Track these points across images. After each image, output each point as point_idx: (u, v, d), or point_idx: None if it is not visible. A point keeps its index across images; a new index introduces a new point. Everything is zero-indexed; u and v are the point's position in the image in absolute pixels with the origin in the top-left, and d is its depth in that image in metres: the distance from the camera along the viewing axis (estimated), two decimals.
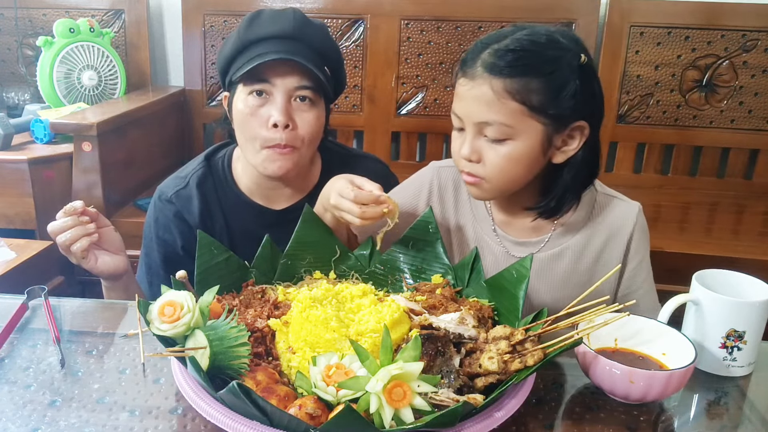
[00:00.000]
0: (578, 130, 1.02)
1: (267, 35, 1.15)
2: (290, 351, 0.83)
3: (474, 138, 1.01)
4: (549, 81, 0.97)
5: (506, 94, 0.96)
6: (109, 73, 2.46)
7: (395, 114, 2.48)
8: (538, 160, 1.02)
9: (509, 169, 1.01)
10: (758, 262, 1.82)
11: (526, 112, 0.97)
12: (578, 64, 0.98)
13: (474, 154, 1.01)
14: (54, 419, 0.79)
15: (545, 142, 1.01)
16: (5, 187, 1.98)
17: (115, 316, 1.09)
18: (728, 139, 2.40)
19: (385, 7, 2.39)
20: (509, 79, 0.96)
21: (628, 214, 1.14)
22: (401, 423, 0.70)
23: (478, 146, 1.01)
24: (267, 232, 1.08)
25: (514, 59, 0.96)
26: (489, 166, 1.01)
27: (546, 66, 0.97)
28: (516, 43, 0.98)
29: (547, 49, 0.98)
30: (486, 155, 1.01)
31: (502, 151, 1.00)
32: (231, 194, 1.28)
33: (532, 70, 0.96)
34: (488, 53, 0.98)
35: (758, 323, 0.92)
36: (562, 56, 0.98)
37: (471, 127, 1.01)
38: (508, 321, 0.92)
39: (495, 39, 1.00)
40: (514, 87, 0.96)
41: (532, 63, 0.97)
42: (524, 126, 0.98)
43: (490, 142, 1.00)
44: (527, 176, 1.04)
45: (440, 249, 1.08)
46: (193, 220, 1.25)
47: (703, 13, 2.29)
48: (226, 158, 1.30)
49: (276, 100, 1.15)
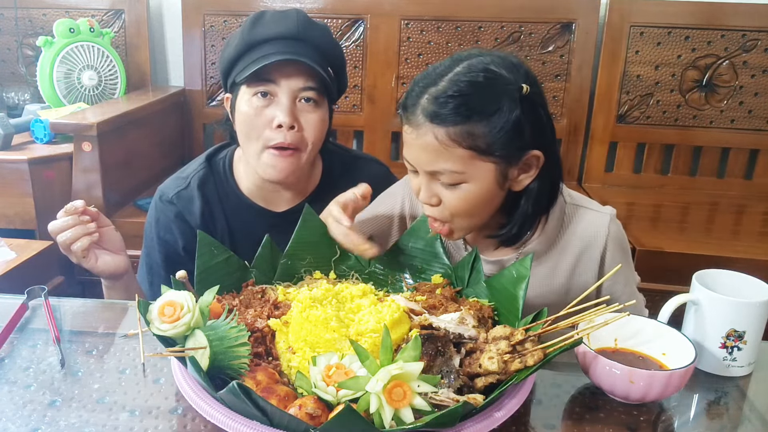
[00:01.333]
0: (533, 159, 0.99)
1: (271, 36, 1.14)
2: (290, 351, 0.83)
3: (429, 183, 0.99)
4: (492, 122, 0.93)
5: (452, 143, 0.94)
6: (109, 73, 2.46)
7: (395, 114, 2.48)
8: (497, 195, 1.01)
9: (469, 209, 1.00)
10: (758, 262, 1.82)
11: (475, 156, 0.95)
12: (520, 96, 0.94)
13: (433, 198, 1.00)
14: (54, 419, 0.79)
15: (500, 178, 0.98)
16: (5, 187, 1.98)
17: (115, 316, 1.09)
18: (728, 139, 2.40)
19: (385, 7, 2.39)
20: (452, 127, 0.93)
21: (600, 224, 1.10)
22: (401, 423, 0.70)
23: (435, 190, 1.00)
24: (268, 234, 1.08)
25: (455, 107, 0.93)
26: (449, 207, 1.00)
27: (487, 107, 0.93)
28: (454, 87, 0.94)
29: (486, 89, 0.94)
30: (444, 198, 1.00)
31: (458, 195, 0.98)
32: (232, 195, 1.28)
33: (474, 114, 0.93)
34: (427, 100, 0.95)
35: (758, 323, 0.92)
36: (502, 92, 0.94)
37: (423, 173, 0.99)
38: (508, 321, 0.92)
39: (432, 81, 0.96)
40: (458, 134, 0.93)
41: (472, 107, 0.93)
42: (475, 169, 0.96)
43: (444, 187, 0.99)
44: (489, 211, 1.03)
45: (440, 249, 1.08)
46: (195, 220, 1.25)
47: (703, 13, 2.29)
48: (227, 159, 1.30)
49: (281, 101, 1.14)
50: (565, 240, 1.10)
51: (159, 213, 1.27)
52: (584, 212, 1.11)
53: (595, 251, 1.09)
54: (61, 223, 1.03)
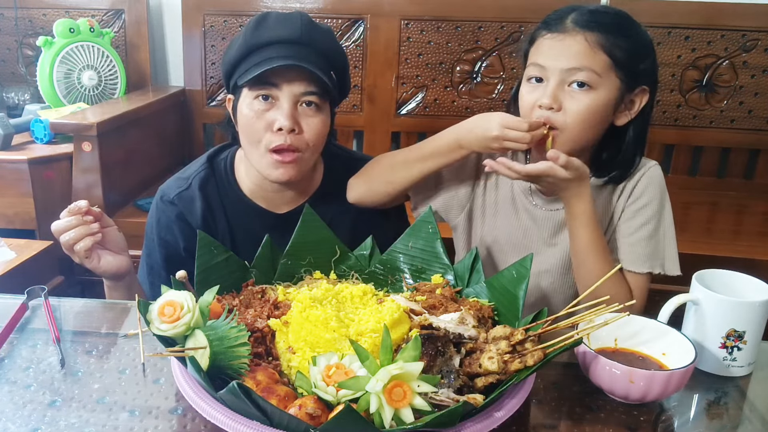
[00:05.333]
0: (640, 95, 1.12)
1: (274, 39, 1.14)
2: (290, 351, 0.83)
3: (557, 86, 1.08)
4: (633, 41, 1.08)
5: (598, 46, 1.06)
6: (109, 73, 2.46)
7: (395, 114, 2.48)
8: (609, 117, 1.12)
9: (587, 119, 1.08)
10: (758, 262, 1.82)
11: (611, 66, 1.07)
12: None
13: (555, 102, 1.07)
14: (54, 419, 0.79)
15: (618, 99, 1.10)
16: (5, 187, 1.98)
17: (115, 316, 1.09)
18: (728, 139, 2.40)
19: (385, 7, 2.39)
20: (602, 33, 1.06)
21: (643, 170, 1.20)
22: (401, 423, 0.70)
23: (560, 95, 1.08)
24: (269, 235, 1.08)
25: (608, 18, 1.08)
26: (569, 114, 1.08)
27: (632, 28, 1.10)
28: (603, 8, 1.12)
29: (628, 16, 1.11)
30: (567, 104, 1.08)
31: (584, 101, 1.07)
32: (233, 196, 1.28)
33: (621, 29, 1.08)
34: (578, 13, 1.08)
35: (758, 323, 0.92)
36: (639, 24, 1.11)
37: (556, 74, 1.07)
38: (508, 321, 0.92)
39: (575, 7, 1.10)
40: (608, 40, 1.06)
41: (621, 23, 1.09)
42: (607, 79, 1.07)
43: (573, 90, 1.07)
44: (597, 132, 1.12)
45: (440, 249, 1.08)
46: (196, 221, 1.24)
47: (703, 13, 2.29)
48: (228, 160, 1.30)
49: (282, 104, 1.14)
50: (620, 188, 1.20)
51: (160, 213, 1.27)
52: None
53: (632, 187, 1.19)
54: (65, 223, 1.03)
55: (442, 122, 2.48)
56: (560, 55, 1.07)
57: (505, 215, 1.24)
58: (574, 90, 1.07)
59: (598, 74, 1.06)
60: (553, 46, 1.09)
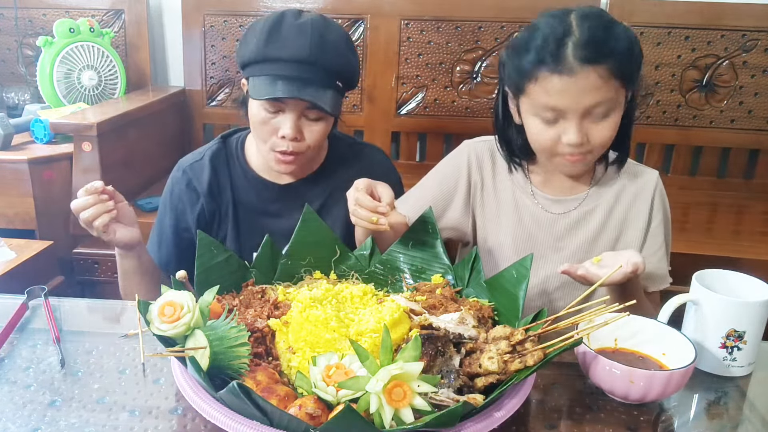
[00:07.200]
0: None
1: (284, 57, 1.18)
2: (290, 351, 0.83)
3: (580, 123, 1.07)
4: (629, 50, 1.06)
5: (610, 76, 1.04)
6: (109, 73, 2.46)
7: (395, 114, 2.48)
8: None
9: (612, 135, 1.10)
10: (758, 262, 1.81)
11: (620, 84, 1.07)
12: None
13: (584, 137, 1.08)
14: (54, 419, 0.79)
15: (625, 104, 1.12)
16: (5, 187, 1.98)
17: (115, 316, 1.09)
18: (728, 139, 2.39)
19: (385, 7, 2.39)
20: (608, 61, 1.03)
21: (650, 179, 1.25)
22: (401, 423, 0.70)
23: (585, 129, 1.08)
24: (270, 206, 1.28)
25: (603, 36, 1.04)
26: (597, 139, 1.09)
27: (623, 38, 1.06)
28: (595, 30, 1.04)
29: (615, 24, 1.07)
30: (592, 134, 1.08)
31: (608, 126, 1.09)
32: (240, 169, 1.36)
33: (618, 43, 1.05)
34: (574, 47, 1.03)
35: (758, 323, 0.92)
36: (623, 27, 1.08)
37: (577, 114, 1.06)
38: (508, 321, 0.92)
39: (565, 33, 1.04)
40: (614, 66, 1.04)
41: (618, 39, 1.05)
42: (620, 96, 1.09)
43: (595, 121, 1.07)
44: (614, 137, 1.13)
45: (440, 249, 1.08)
46: (202, 188, 1.33)
47: (703, 13, 2.29)
48: (240, 139, 1.40)
49: (288, 115, 1.21)
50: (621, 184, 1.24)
51: (174, 183, 1.37)
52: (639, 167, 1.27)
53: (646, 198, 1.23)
54: (83, 201, 1.10)
55: (442, 122, 2.50)
56: (577, 97, 1.05)
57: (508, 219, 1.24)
58: (597, 120, 1.07)
59: (614, 98, 1.07)
60: (566, 89, 1.04)
